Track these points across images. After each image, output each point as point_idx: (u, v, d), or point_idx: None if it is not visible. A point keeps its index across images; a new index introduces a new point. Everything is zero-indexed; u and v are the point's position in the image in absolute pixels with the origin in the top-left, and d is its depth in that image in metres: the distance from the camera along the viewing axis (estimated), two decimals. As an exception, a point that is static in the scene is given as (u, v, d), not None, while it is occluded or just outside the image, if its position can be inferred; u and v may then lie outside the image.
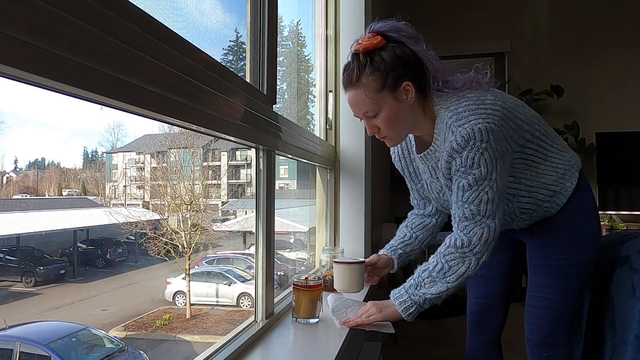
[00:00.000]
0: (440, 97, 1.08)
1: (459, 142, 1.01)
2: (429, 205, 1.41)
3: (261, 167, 1.20)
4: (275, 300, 1.33)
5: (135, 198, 3.42)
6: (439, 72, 1.08)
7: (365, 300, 1.39)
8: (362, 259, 1.41)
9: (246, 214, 3.64)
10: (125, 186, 3.45)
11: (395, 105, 1.07)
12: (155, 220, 3.16)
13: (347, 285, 1.36)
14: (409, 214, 1.49)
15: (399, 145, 1.31)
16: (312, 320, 1.23)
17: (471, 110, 1.02)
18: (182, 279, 3.03)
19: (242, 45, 1.27)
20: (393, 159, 1.39)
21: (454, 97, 1.06)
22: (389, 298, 1.16)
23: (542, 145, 1.14)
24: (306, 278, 1.24)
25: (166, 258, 2.94)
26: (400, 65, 1.05)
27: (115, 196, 3.43)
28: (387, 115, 1.08)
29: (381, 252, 1.43)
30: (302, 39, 2.23)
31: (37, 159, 3.21)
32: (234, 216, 3.73)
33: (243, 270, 3.45)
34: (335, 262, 1.40)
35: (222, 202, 3.72)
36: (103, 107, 0.60)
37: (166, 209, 3.21)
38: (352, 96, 1.10)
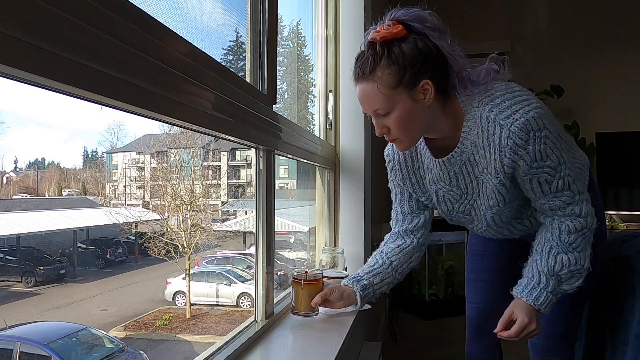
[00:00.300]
0: (466, 95, 1.00)
1: (520, 136, 0.93)
2: (417, 218, 1.27)
3: (261, 167, 1.20)
4: (275, 300, 1.33)
5: (135, 198, 3.41)
6: (464, 70, 0.98)
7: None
8: (346, 274, 1.41)
9: (246, 214, 3.63)
10: (125, 186, 3.45)
11: (411, 104, 0.96)
12: (155, 220, 3.16)
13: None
14: (386, 236, 1.32)
15: (399, 154, 1.20)
16: (311, 314, 1.24)
17: (511, 100, 0.95)
18: (182, 279, 3.02)
19: (242, 45, 1.27)
20: (390, 168, 1.24)
21: (484, 91, 0.99)
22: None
23: None
24: (306, 272, 1.24)
25: (166, 258, 2.94)
26: (421, 61, 0.93)
27: (115, 196, 3.43)
28: (400, 115, 0.96)
29: (344, 282, 1.24)
30: (302, 39, 2.22)
31: (37, 159, 3.20)
32: (234, 216, 3.73)
33: (243, 270, 3.45)
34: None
35: (222, 202, 3.71)
36: (103, 107, 0.60)
37: (166, 209, 3.21)
38: (363, 90, 0.98)
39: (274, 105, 1.25)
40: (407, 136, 1.02)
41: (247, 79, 1.20)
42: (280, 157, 1.41)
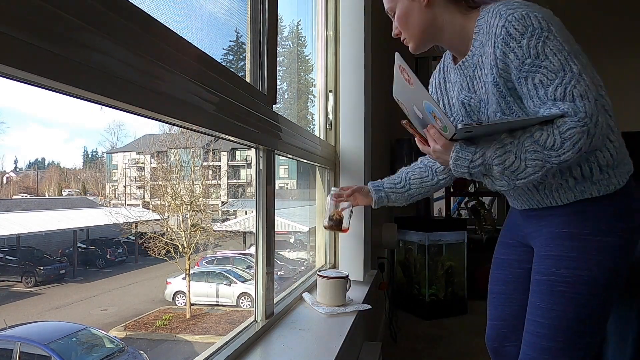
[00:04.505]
0: (485, 4, 0.98)
1: (515, 26, 0.88)
2: None
3: (261, 167, 1.20)
4: (275, 300, 1.33)
5: (135, 198, 3.42)
6: None
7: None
8: (346, 274, 1.46)
9: (246, 214, 3.63)
10: (125, 186, 3.45)
11: (408, 4, 1.03)
12: (155, 220, 3.16)
13: (328, 300, 1.42)
14: (420, 158, 1.35)
15: (436, 74, 1.21)
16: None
17: (524, 2, 0.92)
18: (182, 279, 3.02)
19: (242, 45, 1.27)
20: (430, 92, 1.22)
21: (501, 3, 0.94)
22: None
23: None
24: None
25: (166, 258, 2.94)
26: None
27: (115, 196, 3.43)
28: (399, 14, 1.05)
29: (368, 184, 1.37)
30: (302, 39, 2.22)
31: (37, 159, 3.21)
32: (234, 216, 3.73)
33: (243, 270, 3.45)
34: (318, 275, 1.44)
35: (222, 202, 3.72)
36: (103, 107, 0.60)
37: (166, 209, 3.21)
38: None
39: (274, 105, 1.25)
40: (410, 36, 1.07)
41: (247, 79, 1.20)
42: (280, 157, 1.41)
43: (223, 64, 0.92)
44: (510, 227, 1.27)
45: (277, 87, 1.28)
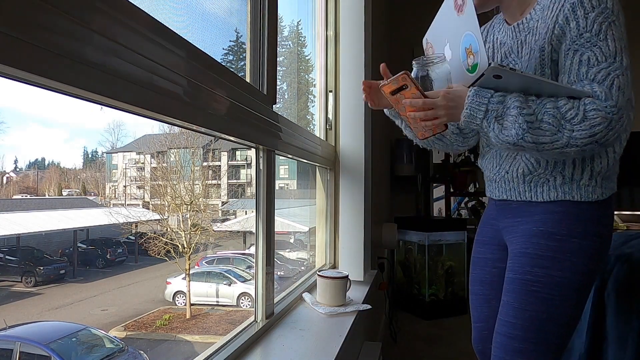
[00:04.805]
0: None
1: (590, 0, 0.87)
2: None
3: (261, 167, 1.20)
4: (275, 300, 1.33)
5: (135, 198, 3.42)
6: None
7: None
8: (346, 274, 1.46)
9: (246, 214, 3.63)
10: (125, 186, 3.45)
11: None
12: (155, 220, 3.16)
13: (328, 300, 1.41)
14: None
15: (491, 31, 1.16)
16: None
17: None
18: (182, 279, 3.02)
19: (242, 45, 1.27)
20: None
21: None
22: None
23: None
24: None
25: (166, 258, 2.94)
26: None
27: (115, 196, 3.43)
28: None
29: None
30: (302, 39, 2.22)
31: (37, 159, 3.21)
32: (234, 216, 3.73)
33: (243, 270, 3.45)
34: (318, 275, 1.44)
35: (222, 202, 3.71)
36: (103, 107, 0.60)
37: (166, 209, 3.21)
38: None
39: (274, 105, 1.25)
40: None
41: (247, 79, 1.20)
42: (280, 157, 1.41)
43: (223, 64, 0.92)
44: (485, 223, 1.24)
45: (277, 87, 1.28)
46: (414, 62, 1.00)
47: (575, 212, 0.99)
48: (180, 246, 2.94)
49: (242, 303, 3.25)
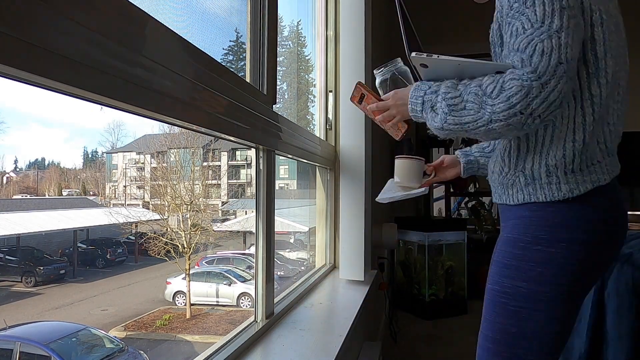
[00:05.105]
0: None
1: None
2: None
3: (261, 167, 1.20)
4: (275, 300, 1.33)
5: (135, 198, 3.42)
6: None
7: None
8: (422, 158, 1.33)
9: (246, 214, 3.63)
10: (125, 186, 3.45)
11: None
12: (155, 220, 3.16)
13: (405, 179, 1.26)
14: None
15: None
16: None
17: None
18: (182, 279, 3.02)
19: (242, 45, 1.27)
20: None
21: None
22: None
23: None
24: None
25: (166, 258, 2.94)
26: None
27: (115, 196, 3.43)
28: None
29: (456, 152, 1.27)
30: (302, 39, 2.23)
31: (37, 159, 3.21)
32: (234, 216, 3.73)
33: (243, 270, 3.45)
34: (396, 157, 1.31)
35: (222, 202, 3.71)
36: (103, 107, 0.60)
37: (166, 209, 3.21)
38: None
39: (274, 105, 1.25)
40: None
41: (247, 79, 1.20)
42: (280, 157, 1.41)
43: (223, 64, 0.92)
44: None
45: (277, 87, 1.28)
46: (374, 71, 1.05)
47: (543, 215, 0.90)
48: (180, 246, 2.94)
49: (242, 303, 3.25)
